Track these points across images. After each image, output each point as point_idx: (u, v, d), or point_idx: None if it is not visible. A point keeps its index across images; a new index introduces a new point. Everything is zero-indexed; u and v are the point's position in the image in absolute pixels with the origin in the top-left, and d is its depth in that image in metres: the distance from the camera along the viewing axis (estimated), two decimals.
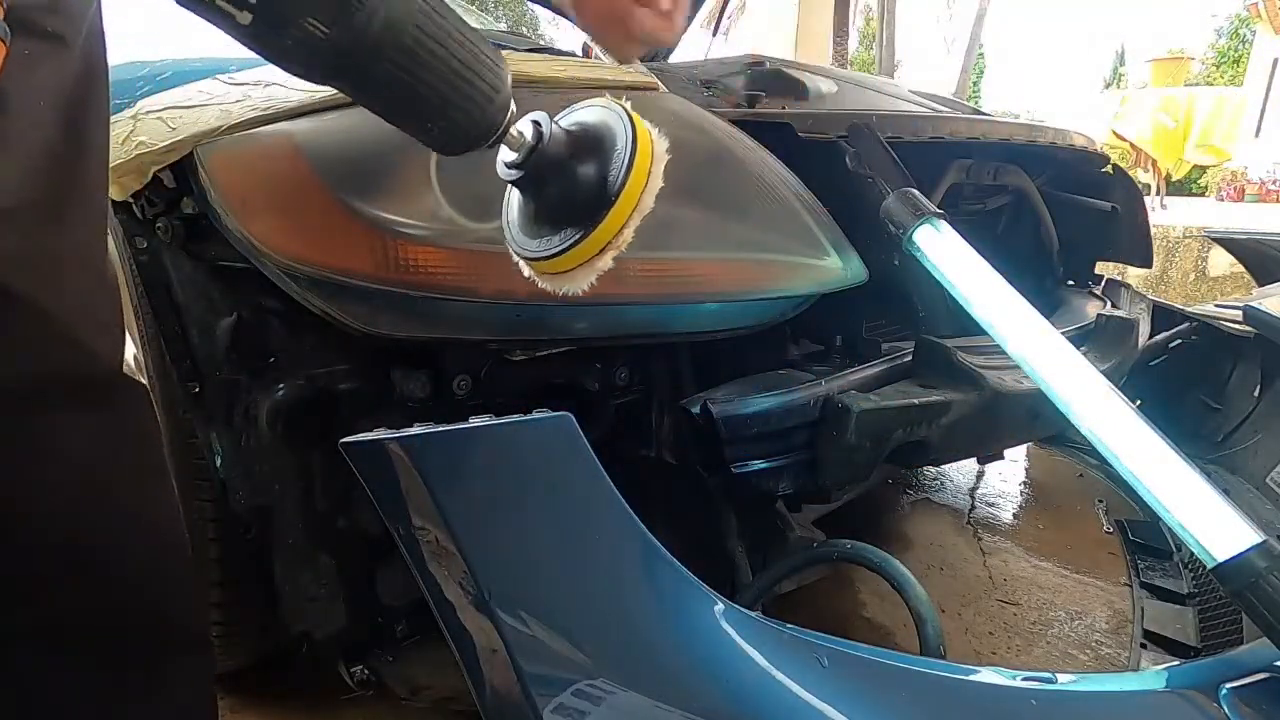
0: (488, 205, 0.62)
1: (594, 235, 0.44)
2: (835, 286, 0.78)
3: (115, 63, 0.72)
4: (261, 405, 0.67)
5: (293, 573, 0.73)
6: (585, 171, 0.44)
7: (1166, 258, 3.92)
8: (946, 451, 1.00)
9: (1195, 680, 0.56)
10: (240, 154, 0.61)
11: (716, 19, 2.74)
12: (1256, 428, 1.36)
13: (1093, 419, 0.66)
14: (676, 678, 0.50)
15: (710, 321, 0.78)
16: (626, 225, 0.44)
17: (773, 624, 0.54)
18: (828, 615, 1.11)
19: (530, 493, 0.53)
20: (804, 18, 4.49)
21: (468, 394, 0.72)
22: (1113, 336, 1.11)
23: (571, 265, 0.46)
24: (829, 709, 0.49)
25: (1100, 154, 1.41)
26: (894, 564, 0.71)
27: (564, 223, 0.45)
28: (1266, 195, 7.81)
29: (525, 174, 0.45)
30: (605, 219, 0.43)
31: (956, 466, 1.68)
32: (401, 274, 0.60)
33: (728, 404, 0.73)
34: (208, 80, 0.66)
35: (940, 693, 0.53)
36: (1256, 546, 0.55)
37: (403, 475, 0.51)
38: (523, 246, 0.48)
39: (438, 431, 0.51)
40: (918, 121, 1.00)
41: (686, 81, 1.04)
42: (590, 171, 0.44)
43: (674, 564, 0.53)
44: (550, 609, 0.51)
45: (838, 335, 0.96)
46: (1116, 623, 1.12)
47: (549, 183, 0.45)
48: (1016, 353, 0.72)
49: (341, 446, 0.53)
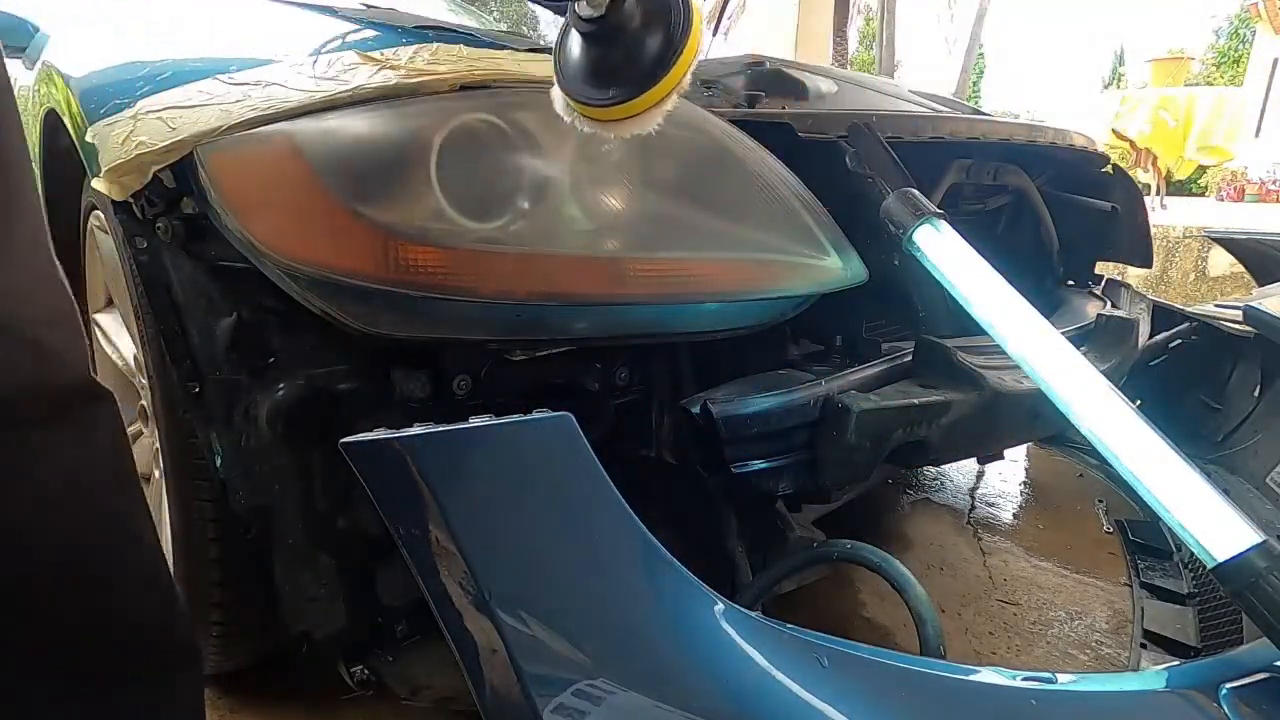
0: (488, 205, 0.62)
1: (665, 80, 0.50)
2: (835, 286, 0.78)
3: (115, 63, 0.73)
4: (261, 405, 0.67)
5: (293, 573, 0.73)
6: (650, 34, 0.49)
7: (1166, 258, 3.92)
8: (946, 451, 1.00)
9: (1195, 680, 0.56)
10: (240, 154, 0.61)
11: (716, 19, 2.74)
12: (1256, 428, 1.36)
13: (1093, 419, 0.66)
14: (676, 678, 0.50)
15: (710, 321, 0.78)
16: (686, 75, 0.50)
17: (773, 624, 0.54)
18: (828, 615, 1.11)
19: (530, 493, 0.53)
20: (804, 18, 4.49)
21: (468, 394, 0.72)
22: (1113, 336, 1.11)
23: (643, 109, 0.51)
24: (829, 709, 0.49)
25: (1100, 154, 1.41)
26: (894, 564, 0.71)
27: (623, 79, 0.50)
28: (1266, 195, 7.81)
29: (599, 29, 0.48)
30: (674, 66, 0.49)
31: (956, 466, 1.68)
32: (402, 274, 0.60)
33: (728, 404, 0.73)
34: (208, 80, 0.66)
35: (940, 693, 0.53)
36: (1256, 546, 0.55)
37: (402, 475, 0.51)
38: (588, 96, 0.52)
39: (438, 431, 0.51)
40: (918, 121, 1.00)
41: None
42: (654, 35, 0.49)
43: (674, 564, 0.54)
44: (550, 609, 0.51)
45: (838, 335, 0.96)
46: (1116, 623, 1.12)
47: (617, 41, 0.50)
48: (1016, 353, 0.72)
49: (341, 446, 0.53)
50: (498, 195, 0.62)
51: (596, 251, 0.64)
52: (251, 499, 0.70)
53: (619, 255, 0.65)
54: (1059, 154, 1.31)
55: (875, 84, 1.37)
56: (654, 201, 0.68)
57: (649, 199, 0.68)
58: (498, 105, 0.64)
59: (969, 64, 10.05)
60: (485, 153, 0.62)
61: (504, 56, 0.73)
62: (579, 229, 0.64)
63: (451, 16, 1.73)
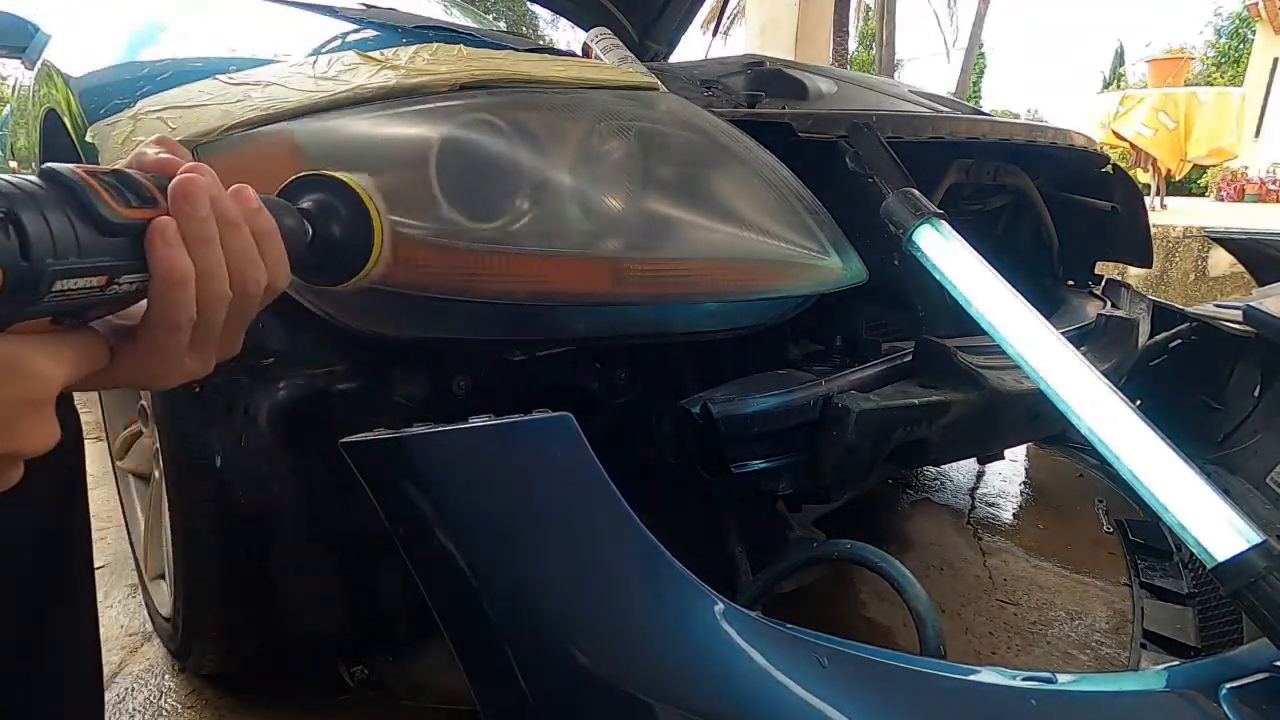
0: (488, 205, 0.62)
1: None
2: (835, 286, 0.78)
3: (115, 63, 0.73)
4: (261, 405, 0.67)
5: (293, 573, 0.73)
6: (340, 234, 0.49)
7: (1166, 258, 3.92)
8: (946, 451, 1.00)
9: (1195, 680, 0.56)
10: (240, 154, 0.61)
11: (716, 19, 2.74)
12: (1256, 428, 1.36)
13: (1093, 419, 0.66)
14: (677, 677, 0.50)
15: (710, 321, 0.78)
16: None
17: (773, 624, 0.54)
18: (828, 615, 1.11)
19: (530, 493, 0.53)
20: (804, 18, 4.49)
21: (468, 394, 0.72)
22: (1113, 336, 1.11)
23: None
24: (829, 709, 0.49)
25: (1100, 154, 1.41)
26: (894, 564, 0.71)
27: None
28: (1266, 195, 7.81)
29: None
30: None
31: (956, 466, 1.68)
32: (401, 274, 0.60)
33: (728, 404, 0.73)
34: (208, 80, 0.66)
35: (940, 693, 0.53)
36: (1256, 546, 0.55)
37: (402, 475, 0.51)
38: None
39: (438, 431, 0.51)
40: (918, 121, 1.00)
41: (686, 81, 1.04)
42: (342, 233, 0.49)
43: (674, 564, 0.53)
44: (550, 609, 0.51)
45: (838, 335, 0.96)
46: (1116, 623, 1.12)
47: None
48: (1016, 353, 0.72)
49: (341, 446, 0.53)
50: (497, 195, 0.62)
51: (596, 251, 0.64)
52: (251, 499, 0.70)
53: (619, 255, 0.65)
54: (1059, 154, 1.31)
55: (875, 84, 1.37)
56: (654, 201, 0.68)
57: (649, 199, 0.68)
58: (498, 105, 0.64)
59: (969, 64, 10.05)
60: (485, 153, 0.62)
61: (504, 56, 0.73)
62: (579, 229, 0.64)
63: (451, 17, 1.73)
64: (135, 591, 1.16)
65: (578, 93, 0.71)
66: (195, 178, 0.33)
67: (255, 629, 0.82)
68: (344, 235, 0.48)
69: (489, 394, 0.74)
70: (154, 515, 1.01)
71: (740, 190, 0.74)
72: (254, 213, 0.37)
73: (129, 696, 0.93)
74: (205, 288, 0.34)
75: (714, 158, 0.74)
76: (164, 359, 0.34)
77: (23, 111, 1.37)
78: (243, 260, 0.36)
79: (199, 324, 0.34)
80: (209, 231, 0.34)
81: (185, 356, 0.35)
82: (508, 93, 0.67)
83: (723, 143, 0.75)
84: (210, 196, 0.34)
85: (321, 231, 0.47)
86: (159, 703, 0.92)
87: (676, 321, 0.76)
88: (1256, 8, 9.55)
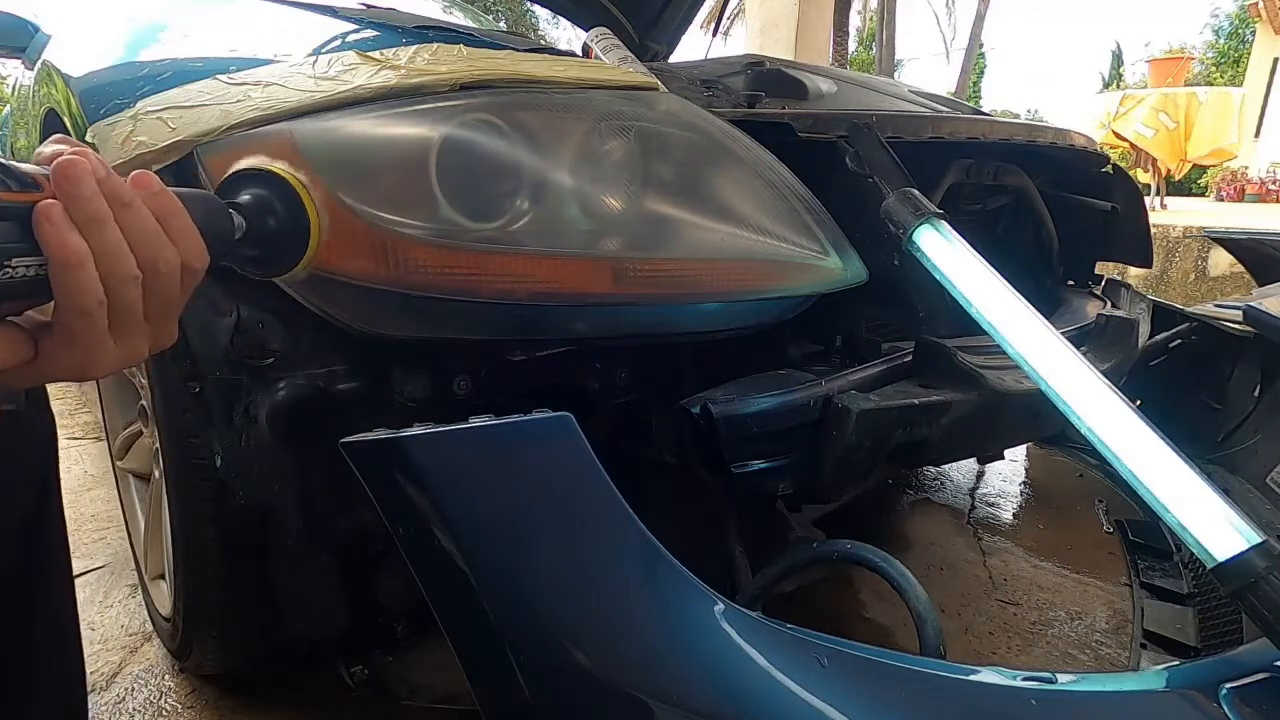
0: (488, 205, 0.62)
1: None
2: (835, 286, 0.78)
3: (115, 63, 0.73)
4: (261, 405, 0.67)
5: (293, 573, 0.73)
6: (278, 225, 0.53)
7: (1166, 258, 3.92)
8: (946, 451, 1.00)
9: (1195, 680, 0.56)
10: (240, 154, 0.61)
11: (716, 19, 2.74)
12: (1256, 428, 1.36)
13: (1093, 419, 0.66)
14: (676, 678, 0.50)
15: (710, 321, 0.78)
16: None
17: (773, 624, 0.54)
18: (828, 615, 1.11)
19: (530, 492, 0.53)
20: (804, 18, 4.49)
21: (468, 394, 0.72)
22: (1113, 336, 1.11)
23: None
24: (829, 709, 0.49)
25: (1100, 154, 1.41)
26: (894, 564, 0.71)
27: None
28: (1266, 195, 7.82)
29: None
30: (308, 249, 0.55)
31: (956, 466, 1.68)
32: (402, 274, 0.60)
33: (728, 404, 0.73)
34: (208, 80, 0.66)
35: (940, 693, 0.53)
36: (1256, 546, 0.55)
37: (403, 475, 0.51)
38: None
39: (438, 431, 0.51)
40: (918, 121, 1.00)
41: (686, 81, 1.04)
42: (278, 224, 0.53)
43: (674, 564, 0.53)
44: (550, 609, 0.51)
45: (838, 335, 0.96)
46: (1116, 623, 1.12)
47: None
48: (1016, 353, 0.72)
49: (341, 446, 0.53)
50: (497, 195, 0.61)
51: (597, 252, 0.64)
52: (251, 499, 0.70)
53: (619, 255, 0.65)
54: (1059, 154, 1.31)
55: (875, 84, 1.37)
56: (654, 201, 0.68)
57: (649, 199, 0.68)
58: (498, 105, 0.64)
59: (969, 64, 10.05)
60: (485, 153, 0.62)
61: (504, 56, 0.73)
62: (579, 229, 0.64)
63: (451, 16, 1.73)
64: (135, 591, 1.16)
65: (578, 93, 0.71)
66: (76, 159, 0.34)
67: (255, 629, 0.82)
68: (279, 227, 0.49)
69: (489, 394, 0.74)
70: (154, 515, 1.01)
71: (740, 190, 0.74)
72: (154, 195, 0.37)
73: (129, 696, 0.93)
74: (107, 268, 0.34)
75: (714, 158, 0.74)
76: (85, 347, 0.35)
77: (23, 111, 1.37)
78: (146, 239, 0.36)
79: (114, 307, 0.34)
80: (98, 211, 0.34)
81: (109, 343, 0.35)
82: (508, 93, 0.67)
83: (723, 143, 0.75)
84: (98, 178, 0.34)
85: (256, 223, 0.47)
86: (159, 703, 0.92)
87: (677, 321, 0.76)
88: (1256, 8, 9.56)
